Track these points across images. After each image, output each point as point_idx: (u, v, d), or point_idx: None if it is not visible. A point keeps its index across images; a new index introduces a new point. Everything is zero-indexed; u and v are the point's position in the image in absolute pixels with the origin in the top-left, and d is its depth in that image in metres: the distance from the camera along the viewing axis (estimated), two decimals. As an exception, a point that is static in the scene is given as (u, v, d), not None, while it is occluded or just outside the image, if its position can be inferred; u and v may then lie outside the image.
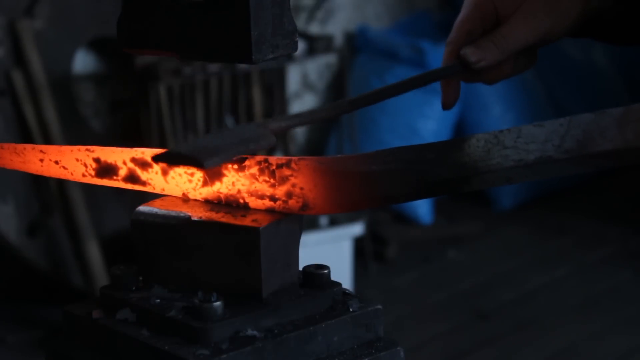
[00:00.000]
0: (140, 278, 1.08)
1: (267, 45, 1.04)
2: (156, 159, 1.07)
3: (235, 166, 1.08)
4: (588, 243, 4.53)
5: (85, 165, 1.16)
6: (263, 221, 1.04)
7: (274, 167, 1.07)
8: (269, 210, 1.07)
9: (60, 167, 1.18)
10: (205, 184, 1.10)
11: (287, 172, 1.06)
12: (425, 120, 4.68)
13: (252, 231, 1.02)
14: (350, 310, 1.06)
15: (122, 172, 1.14)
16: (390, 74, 4.70)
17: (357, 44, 4.99)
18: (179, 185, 1.12)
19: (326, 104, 4.81)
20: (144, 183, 1.14)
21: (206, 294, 1.00)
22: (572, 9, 1.24)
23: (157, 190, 1.13)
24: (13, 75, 3.61)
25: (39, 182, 3.66)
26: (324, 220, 3.87)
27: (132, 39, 1.10)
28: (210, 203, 1.09)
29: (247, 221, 1.04)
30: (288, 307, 1.03)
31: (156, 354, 0.99)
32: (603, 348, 3.58)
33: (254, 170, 1.08)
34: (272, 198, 1.07)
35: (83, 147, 1.16)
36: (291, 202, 1.06)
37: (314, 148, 4.91)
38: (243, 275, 1.03)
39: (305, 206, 1.06)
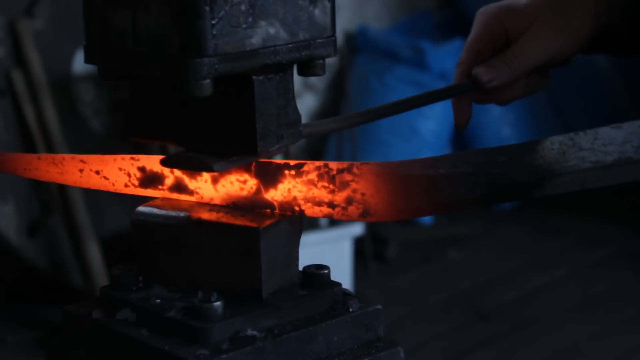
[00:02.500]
0: (140, 278, 1.08)
1: (272, 137, 1.03)
2: (164, 162, 1.06)
3: (293, 172, 1.04)
4: (588, 243, 4.53)
5: (129, 175, 1.12)
6: (263, 221, 1.04)
7: (334, 172, 1.03)
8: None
9: (101, 178, 1.13)
10: (258, 192, 1.06)
11: (348, 177, 1.02)
12: (425, 120, 4.68)
13: (252, 231, 1.02)
14: (350, 310, 1.06)
15: (169, 180, 1.10)
16: (390, 74, 4.70)
17: (357, 44, 4.99)
18: (230, 194, 1.08)
19: (334, 112, 4.82)
20: (191, 192, 1.09)
21: (206, 294, 1.00)
22: (583, 26, 1.23)
23: (205, 200, 1.09)
24: (13, 75, 3.60)
25: (39, 182, 3.66)
26: (324, 220, 3.87)
27: (140, 130, 1.09)
28: (210, 203, 1.09)
29: (247, 221, 1.04)
30: (288, 307, 1.03)
31: (156, 354, 0.99)
32: (603, 348, 3.58)
33: (313, 175, 1.04)
34: (331, 205, 1.03)
35: (127, 156, 1.12)
36: (351, 208, 1.02)
37: (313, 149, 4.91)
38: (243, 275, 1.03)
39: (365, 213, 1.02)
